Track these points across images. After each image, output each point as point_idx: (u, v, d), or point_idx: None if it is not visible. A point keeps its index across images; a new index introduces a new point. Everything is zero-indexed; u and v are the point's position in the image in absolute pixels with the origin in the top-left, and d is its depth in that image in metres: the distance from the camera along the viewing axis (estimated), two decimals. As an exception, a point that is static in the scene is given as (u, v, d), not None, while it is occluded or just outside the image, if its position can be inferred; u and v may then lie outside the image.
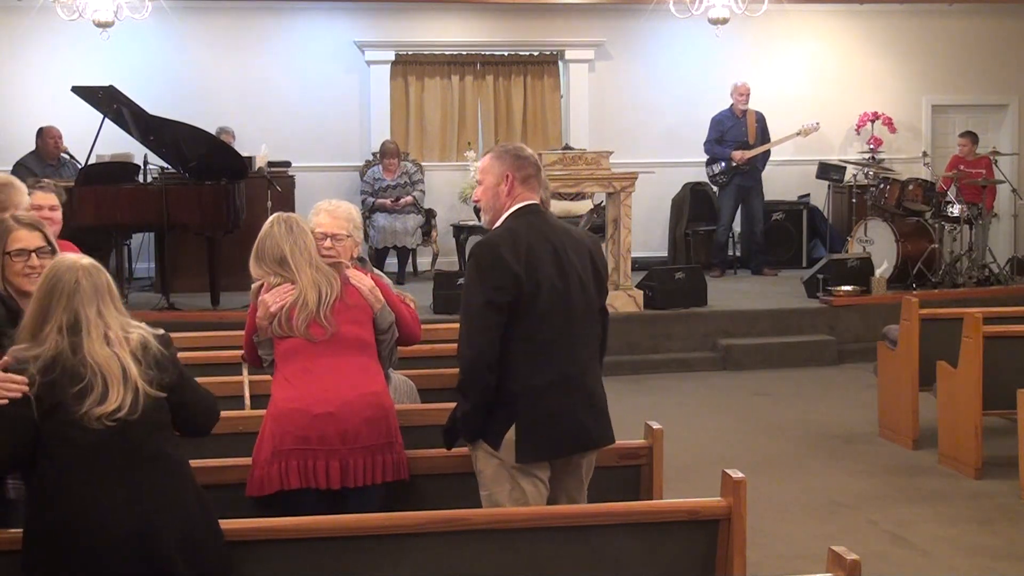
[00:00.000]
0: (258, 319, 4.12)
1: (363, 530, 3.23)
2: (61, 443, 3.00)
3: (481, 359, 3.60)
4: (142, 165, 9.87)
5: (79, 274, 3.10)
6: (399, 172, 11.27)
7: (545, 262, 3.67)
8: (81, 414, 2.98)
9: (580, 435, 3.75)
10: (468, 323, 3.65)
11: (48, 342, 3.04)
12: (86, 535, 2.97)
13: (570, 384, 3.72)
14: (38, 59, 11.44)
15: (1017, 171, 13.01)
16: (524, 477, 3.67)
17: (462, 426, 3.71)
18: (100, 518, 2.98)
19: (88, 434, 2.99)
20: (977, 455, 6.36)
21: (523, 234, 3.68)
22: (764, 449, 7.07)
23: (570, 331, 3.71)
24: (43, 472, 3.02)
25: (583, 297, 3.76)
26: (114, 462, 3.02)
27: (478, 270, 3.66)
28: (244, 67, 11.90)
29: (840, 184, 12.35)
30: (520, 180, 3.77)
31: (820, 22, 12.88)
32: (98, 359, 3.03)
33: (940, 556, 5.25)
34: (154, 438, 3.09)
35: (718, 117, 11.64)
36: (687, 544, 3.32)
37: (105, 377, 3.01)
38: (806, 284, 10.31)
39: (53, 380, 3.00)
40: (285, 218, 4.23)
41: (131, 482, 3.02)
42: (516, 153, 3.83)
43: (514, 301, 3.61)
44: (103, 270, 3.19)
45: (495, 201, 3.80)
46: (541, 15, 12.33)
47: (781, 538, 5.43)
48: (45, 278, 3.12)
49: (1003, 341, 6.45)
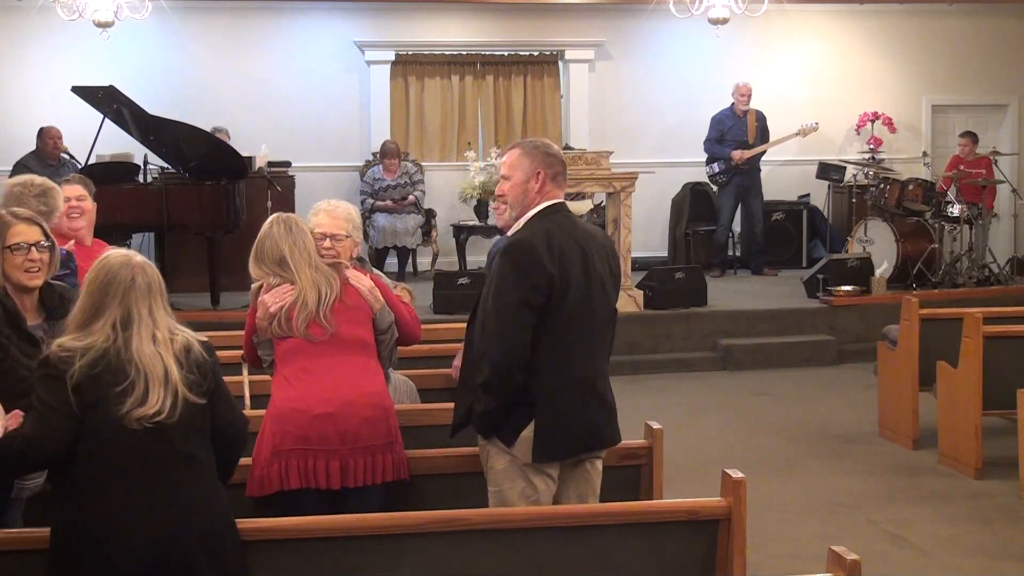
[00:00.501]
0: (258, 319, 4.12)
1: (363, 530, 3.24)
2: (97, 441, 3.00)
3: (512, 359, 3.58)
4: (142, 165, 9.88)
5: (135, 271, 3.12)
6: (399, 172, 11.27)
7: (574, 263, 3.67)
8: (121, 414, 2.99)
9: (593, 435, 3.77)
10: (500, 322, 3.60)
11: (98, 335, 3.04)
12: (114, 535, 2.97)
13: (587, 385, 3.74)
14: (38, 59, 11.44)
15: (1017, 171, 13.01)
16: (536, 475, 3.68)
17: (480, 423, 3.70)
18: (130, 519, 2.99)
19: (125, 434, 2.99)
20: (977, 455, 6.36)
21: (556, 234, 3.67)
22: (764, 449, 7.07)
23: (591, 333, 3.73)
24: (78, 469, 3.02)
25: (603, 300, 3.79)
26: (148, 464, 3.02)
27: (514, 269, 3.61)
28: (244, 67, 11.90)
29: (840, 184, 12.35)
30: (550, 177, 3.76)
31: (820, 22, 12.88)
32: (143, 358, 3.03)
33: (940, 556, 5.25)
34: (190, 442, 3.10)
35: (718, 116, 11.64)
36: (687, 544, 3.32)
37: (147, 377, 3.02)
38: (806, 284, 10.31)
39: (97, 375, 3.00)
40: (284, 218, 4.23)
41: (162, 484, 3.03)
42: (546, 150, 3.81)
43: (546, 301, 3.61)
44: (155, 268, 3.21)
45: (523, 198, 3.76)
46: (541, 15, 12.33)
47: (781, 538, 5.43)
48: (98, 271, 3.12)
49: (1003, 341, 6.45)
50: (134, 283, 3.10)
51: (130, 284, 3.09)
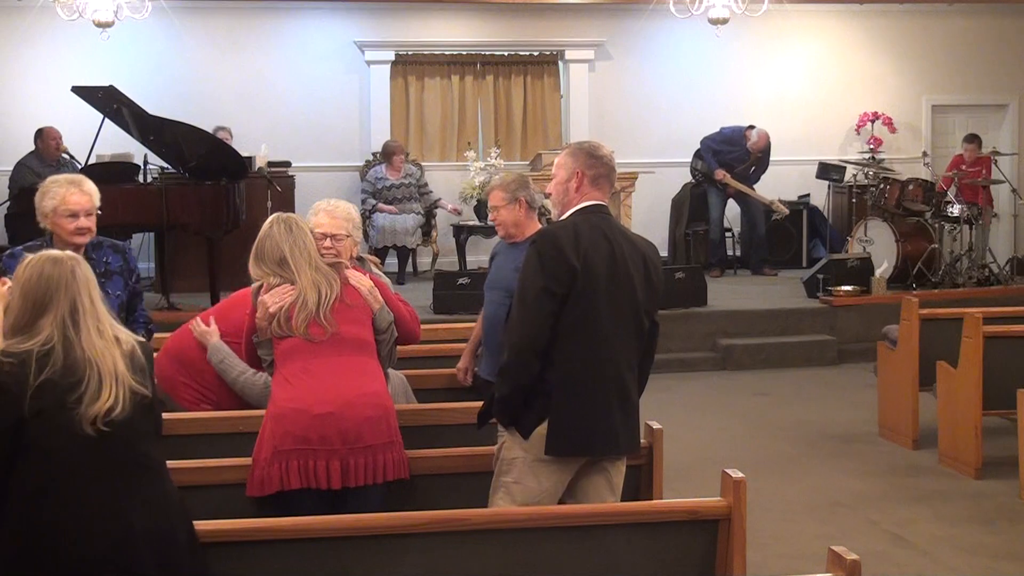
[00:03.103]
0: (257, 320, 4.11)
1: (363, 530, 3.23)
2: (47, 448, 2.90)
3: (532, 344, 3.63)
4: (142, 165, 9.87)
5: (72, 263, 3.06)
6: (404, 173, 11.27)
7: (600, 260, 3.70)
8: (75, 415, 2.90)
9: (609, 437, 3.75)
10: (523, 308, 3.67)
11: (44, 333, 2.96)
12: (66, 546, 2.88)
13: (606, 383, 3.72)
14: (38, 59, 11.44)
15: (1017, 171, 13.01)
16: (547, 472, 3.68)
17: (498, 408, 3.74)
18: (82, 528, 2.89)
19: (76, 440, 2.90)
20: (977, 455, 6.36)
21: (584, 231, 3.72)
22: (764, 449, 7.07)
23: (613, 331, 3.72)
24: (23, 479, 2.91)
25: (631, 301, 3.76)
26: (100, 470, 2.94)
27: (539, 258, 3.67)
28: (244, 67, 11.90)
29: (840, 184, 12.36)
30: (590, 179, 3.82)
31: (820, 22, 12.88)
32: (95, 350, 2.97)
33: (940, 556, 5.25)
34: (141, 445, 3.03)
35: (730, 135, 11.62)
36: (687, 544, 3.32)
37: (100, 370, 2.95)
38: (806, 284, 10.31)
39: (48, 379, 2.91)
40: (284, 218, 4.23)
41: (114, 490, 2.94)
42: (590, 152, 3.87)
43: (567, 293, 3.64)
44: (85, 262, 3.13)
45: (564, 196, 3.85)
46: (541, 15, 12.33)
47: (781, 538, 5.43)
48: (32, 269, 3.02)
49: (1003, 341, 6.45)
50: (75, 275, 3.03)
51: (71, 276, 3.02)
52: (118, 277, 4.61)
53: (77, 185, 4.44)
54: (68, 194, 4.39)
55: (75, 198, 4.39)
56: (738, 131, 11.62)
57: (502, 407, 3.73)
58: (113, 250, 4.65)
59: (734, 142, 11.60)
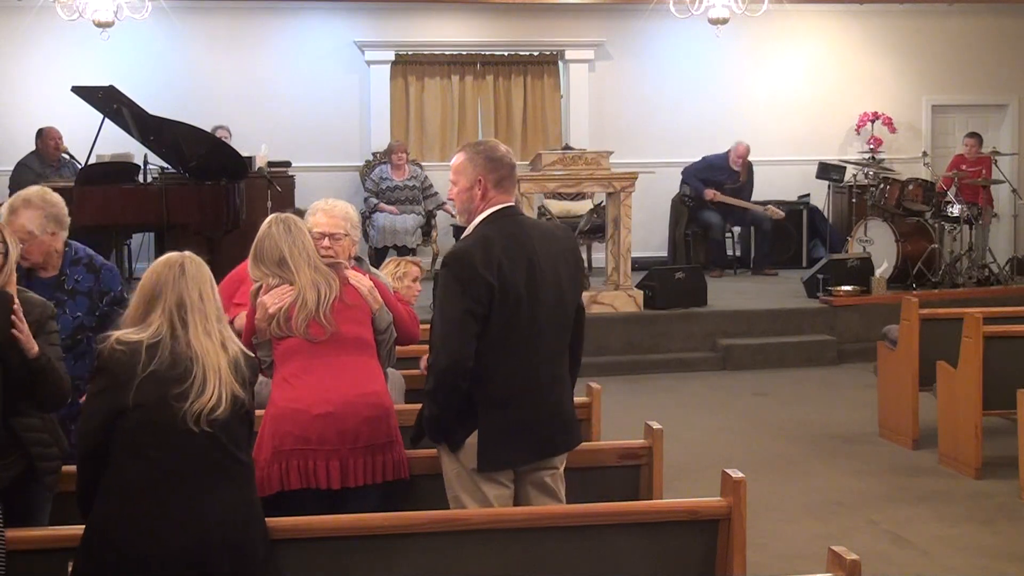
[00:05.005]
0: (257, 320, 4.11)
1: (363, 530, 3.23)
2: (144, 444, 3.00)
3: (458, 366, 3.53)
4: (142, 165, 9.88)
5: (183, 259, 3.17)
6: (409, 175, 11.26)
7: (518, 271, 3.59)
8: (178, 410, 2.98)
9: (545, 445, 3.71)
10: (446, 330, 3.57)
11: (154, 326, 3.07)
12: (147, 542, 2.96)
13: (537, 395, 3.67)
14: (38, 59, 11.44)
15: (1017, 171, 13.01)
16: (485, 482, 3.63)
17: (427, 428, 3.68)
18: (166, 526, 2.97)
19: (176, 436, 2.99)
20: (977, 455, 6.36)
21: (496, 242, 3.60)
22: (764, 449, 7.07)
23: (540, 341, 3.65)
24: (120, 470, 3.01)
25: (556, 306, 3.69)
26: (194, 469, 3.02)
27: (455, 280, 3.56)
28: (244, 67, 11.91)
29: (840, 184, 12.36)
30: (493, 183, 3.68)
31: (820, 22, 12.88)
32: (201, 347, 3.06)
33: (940, 556, 5.25)
34: (236, 450, 3.10)
35: (714, 161, 11.68)
36: (687, 544, 3.32)
37: (205, 366, 3.04)
38: (806, 284, 10.31)
39: (155, 371, 3.00)
40: (283, 218, 4.22)
41: (203, 491, 3.02)
42: (488, 155, 3.71)
43: (487, 311, 3.55)
44: (204, 264, 3.23)
45: (468, 204, 3.72)
46: (541, 15, 12.33)
47: (781, 538, 5.43)
48: (149, 271, 3.18)
49: (1003, 341, 6.45)
50: (184, 270, 3.14)
51: (179, 272, 3.13)
52: (83, 298, 4.39)
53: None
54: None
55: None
56: (720, 156, 11.69)
57: (431, 427, 3.66)
58: (87, 269, 4.44)
59: (717, 166, 11.68)
